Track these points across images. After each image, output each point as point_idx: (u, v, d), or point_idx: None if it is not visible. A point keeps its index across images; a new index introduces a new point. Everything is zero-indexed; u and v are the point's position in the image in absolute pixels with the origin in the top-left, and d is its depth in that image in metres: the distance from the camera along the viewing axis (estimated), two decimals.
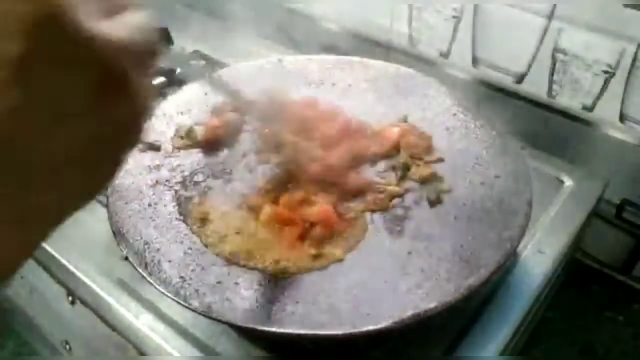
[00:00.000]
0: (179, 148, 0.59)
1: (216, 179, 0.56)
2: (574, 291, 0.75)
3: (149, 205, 0.52)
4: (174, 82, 0.80)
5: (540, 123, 0.76)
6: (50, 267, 0.61)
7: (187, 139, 0.60)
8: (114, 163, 0.23)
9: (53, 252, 0.59)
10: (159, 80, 0.82)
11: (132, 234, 0.49)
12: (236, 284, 0.46)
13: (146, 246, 0.48)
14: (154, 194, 0.54)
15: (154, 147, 0.59)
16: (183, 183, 0.55)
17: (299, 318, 0.43)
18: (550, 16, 0.69)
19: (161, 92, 0.77)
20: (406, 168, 0.56)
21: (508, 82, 0.77)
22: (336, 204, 0.52)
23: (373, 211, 0.52)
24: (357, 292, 0.45)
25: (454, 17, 0.77)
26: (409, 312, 0.42)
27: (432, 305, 0.43)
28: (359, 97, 0.65)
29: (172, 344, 0.52)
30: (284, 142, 0.55)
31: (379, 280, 0.46)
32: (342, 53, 0.91)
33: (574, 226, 0.62)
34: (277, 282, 0.46)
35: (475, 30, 0.76)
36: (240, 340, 0.51)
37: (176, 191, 0.54)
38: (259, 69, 0.68)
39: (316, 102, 0.61)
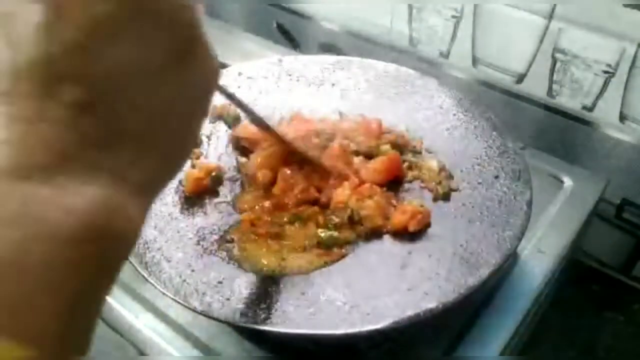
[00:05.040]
0: None
1: None
2: (574, 291, 0.75)
3: None
4: None
5: (540, 123, 0.76)
6: None
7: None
8: (193, 130, 0.25)
9: None
10: None
11: None
12: (236, 284, 0.46)
13: (146, 246, 0.48)
14: None
15: None
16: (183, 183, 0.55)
17: (299, 318, 0.43)
18: (550, 16, 0.69)
19: None
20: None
21: (508, 82, 0.77)
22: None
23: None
24: (357, 292, 0.45)
25: (454, 17, 0.77)
26: (409, 312, 0.42)
27: (432, 305, 0.43)
28: (359, 97, 0.65)
29: (172, 344, 0.52)
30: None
31: (379, 280, 0.46)
32: (342, 53, 0.91)
33: (574, 226, 0.62)
34: (277, 282, 0.46)
35: (475, 30, 0.76)
36: (240, 340, 0.51)
37: (176, 191, 0.54)
38: (259, 69, 0.68)
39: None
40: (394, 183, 0.55)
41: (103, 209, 0.20)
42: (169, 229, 0.51)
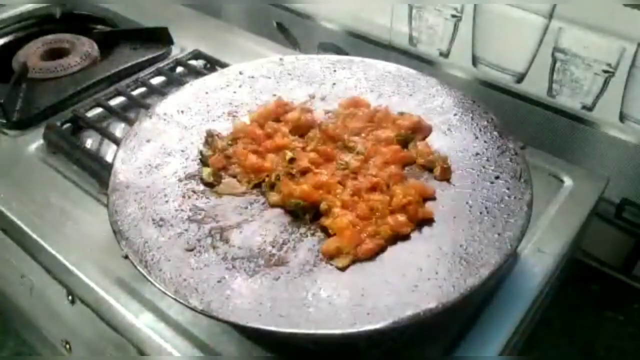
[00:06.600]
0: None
1: None
2: (574, 291, 0.75)
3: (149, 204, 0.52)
4: (174, 81, 0.80)
5: (540, 123, 0.76)
6: (50, 266, 0.61)
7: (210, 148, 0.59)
8: None
9: (53, 252, 0.59)
10: (159, 79, 0.82)
11: (132, 233, 0.49)
12: (236, 283, 0.46)
13: (146, 245, 0.48)
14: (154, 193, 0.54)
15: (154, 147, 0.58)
16: (183, 181, 0.55)
17: (299, 318, 0.43)
18: (550, 16, 0.69)
19: (161, 92, 0.77)
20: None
21: (508, 81, 0.77)
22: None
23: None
24: (357, 292, 0.45)
25: (454, 16, 0.77)
26: (409, 312, 0.42)
27: (432, 305, 0.43)
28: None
29: (172, 344, 0.52)
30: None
31: (379, 280, 0.46)
32: (342, 53, 0.91)
33: (574, 226, 0.63)
34: (277, 281, 0.46)
35: (475, 30, 0.76)
36: (240, 340, 0.51)
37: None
38: (260, 68, 0.68)
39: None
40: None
41: None
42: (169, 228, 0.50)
